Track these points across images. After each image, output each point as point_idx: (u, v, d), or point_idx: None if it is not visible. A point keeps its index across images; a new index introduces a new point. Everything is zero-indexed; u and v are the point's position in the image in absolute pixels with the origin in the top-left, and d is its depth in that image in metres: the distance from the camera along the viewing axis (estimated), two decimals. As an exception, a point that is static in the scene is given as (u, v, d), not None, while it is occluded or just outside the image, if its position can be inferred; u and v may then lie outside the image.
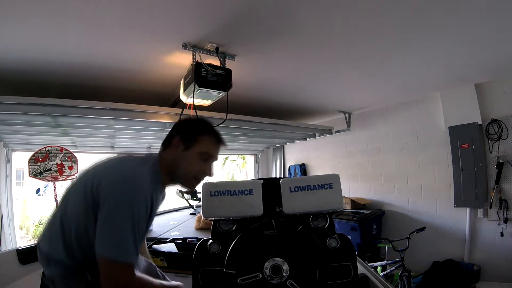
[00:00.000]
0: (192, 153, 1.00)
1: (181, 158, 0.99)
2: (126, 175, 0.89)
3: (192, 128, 1.04)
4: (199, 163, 1.01)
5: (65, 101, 2.10)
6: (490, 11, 1.57)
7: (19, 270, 1.61)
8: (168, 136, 1.04)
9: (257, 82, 2.63)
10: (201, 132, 1.03)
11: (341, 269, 0.91)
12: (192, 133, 1.02)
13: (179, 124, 1.09)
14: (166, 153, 1.01)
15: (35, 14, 1.46)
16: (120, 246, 0.82)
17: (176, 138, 1.01)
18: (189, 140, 1.00)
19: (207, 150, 1.02)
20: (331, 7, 1.50)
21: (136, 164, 0.94)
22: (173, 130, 1.06)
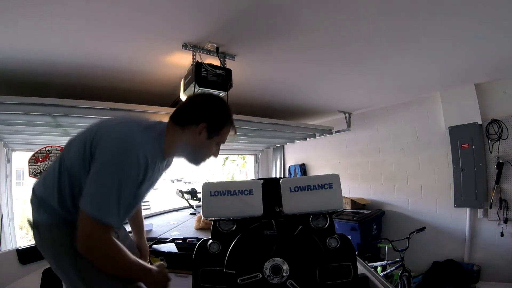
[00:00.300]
0: (212, 142, 1.01)
1: (200, 144, 0.99)
2: (124, 137, 0.88)
3: (220, 119, 1.01)
4: (213, 148, 1.03)
5: (65, 101, 2.10)
6: (490, 11, 1.58)
7: (19, 270, 1.61)
8: (187, 115, 0.98)
9: (257, 82, 2.63)
10: (226, 124, 1.02)
11: (341, 269, 0.91)
12: (220, 125, 1.00)
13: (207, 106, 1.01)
14: (181, 134, 0.97)
15: (35, 14, 1.47)
16: (101, 204, 0.81)
17: (202, 125, 0.96)
18: (215, 131, 0.99)
19: (224, 140, 1.04)
20: (331, 7, 1.50)
21: (138, 129, 0.92)
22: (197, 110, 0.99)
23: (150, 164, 0.88)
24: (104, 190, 0.82)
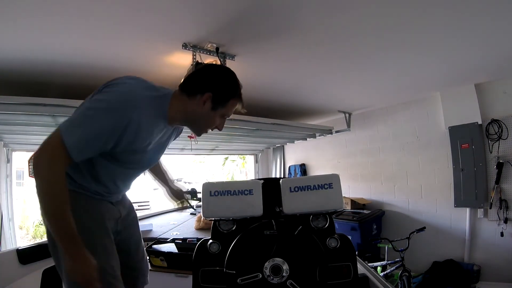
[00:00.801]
0: (216, 114, 0.98)
1: (205, 115, 0.97)
2: (127, 87, 0.88)
3: (227, 90, 0.98)
4: (217, 120, 1.01)
5: (65, 101, 2.10)
6: (490, 11, 1.57)
7: (19, 270, 1.61)
8: (194, 83, 0.97)
9: (257, 82, 2.63)
10: (233, 96, 0.99)
11: (341, 269, 0.91)
12: (226, 97, 0.98)
13: (213, 76, 0.98)
14: (187, 102, 0.96)
15: (35, 14, 1.47)
16: (72, 126, 0.81)
17: (206, 95, 0.94)
18: (220, 103, 0.97)
19: (229, 112, 1.02)
20: (331, 7, 1.50)
21: (144, 86, 0.92)
22: (204, 79, 0.98)
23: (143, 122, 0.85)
24: (83, 116, 0.83)
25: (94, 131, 0.80)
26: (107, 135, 0.81)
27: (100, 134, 0.81)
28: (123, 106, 0.82)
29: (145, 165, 1.06)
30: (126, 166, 0.98)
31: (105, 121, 0.81)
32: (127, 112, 0.82)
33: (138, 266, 1.15)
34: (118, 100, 0.83)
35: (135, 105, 0.84)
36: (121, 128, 0.82)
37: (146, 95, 0.89)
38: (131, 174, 1.06)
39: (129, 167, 1.00)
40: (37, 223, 6.92)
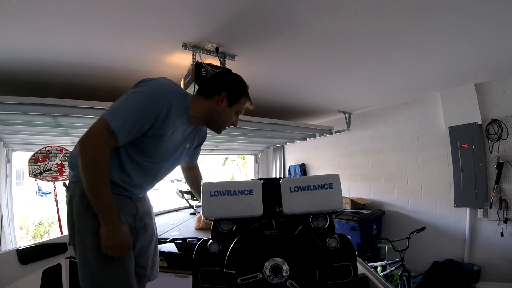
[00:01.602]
0: (231, 110, 1.15)
1: (222, 112, 1.13)
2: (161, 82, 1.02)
3: (239, 89, 1.16)
4: (232, 116, 1.17)
5: (65, 101, 2.10)
6: (490, 11, 1.58)
7: (19, 270, 1.61)
8: (211, 86, 1.13)
9: (257, 82, 2.62)
10: (244, 93, 1.17)
11: (341, 269, 0.90)
12: (239, 94, 1.15)
13: (227, 78, 1.18)
14: (206, 103, 1.11)
15: (35, 14, 1.47)
16: (115, 112, 0.93)
17: (223, 94, 1.11)
18: (234, 99, 1.13)
19: (242, 109, 1.19)
20: (331, 7, 1.51)
21: (173, 83, 1.06)
22: (219, 82, 1.15)
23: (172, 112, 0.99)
24: (124, 105, 0.95)
25: (135, 115, 0.93)
26: (145, 118, 0.94)
27: (140, 117, 0.93)
28: (159, 95, 0.97)
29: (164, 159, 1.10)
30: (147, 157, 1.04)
31: (144, 106, 0.94)
32: (162, 100, 0.97)
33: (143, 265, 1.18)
34: (154, 90, 0.98)
35: (168, 96, 0.99)
36: (156, 113, 0.95)
37: (175, 90, 1.05)
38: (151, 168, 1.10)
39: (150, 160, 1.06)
40: (37, 223, 6.92)
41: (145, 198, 1.23)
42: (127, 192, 1.09)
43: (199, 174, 1.47)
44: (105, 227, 0.95)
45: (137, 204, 1.13)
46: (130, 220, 1.09)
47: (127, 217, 1.07)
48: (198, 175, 1.46)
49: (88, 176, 0.92)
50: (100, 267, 0.96)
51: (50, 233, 6.46)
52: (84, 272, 0.97)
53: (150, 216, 1.24)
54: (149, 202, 1.27)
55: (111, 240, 0.95)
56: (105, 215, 0.95)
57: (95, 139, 0.91)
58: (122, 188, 1.06)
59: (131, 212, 1.10)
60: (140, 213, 1.15)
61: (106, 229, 0.95)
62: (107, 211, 0.95)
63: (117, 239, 0.96)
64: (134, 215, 1.12)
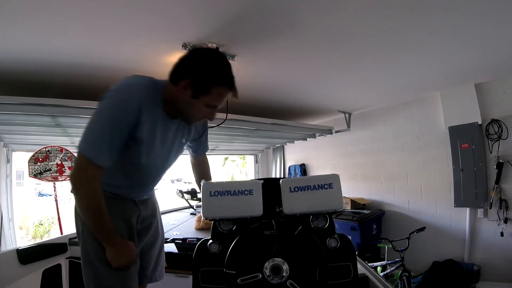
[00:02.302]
0: (199, 102, 0.93)
1: (186, 102, 0.94)
2: (122, 85, 0.91)
3: (207, 76, 0.91)
4: (204, 110, 0.97)
5: (65, 101, 2.10)
6: (490, 10, 1.57)
7: (19, 270, 1.61)
8: (176, 70, 0.94)
9: (257, 82, 2.63)
10: (217, 83, 0.92)
11: (341, 269, 0.90)
12: (207, 83, 0.91)
13: (194, 61, 0.94)
14: (173, 89, 0.94)
15: (35, 14, 1.47)
16: (86, 140, 0.87)
17: (184, 81, 0.91)
18: (201, 89, 0.91)
19: (216, 102, 0.96)
20: (331, 7, 1.50)
21: (139, 78, 0.95)
22: (183, 66, 0.94)
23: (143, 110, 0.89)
24: (91, 128, 0.88)
25: (108, 134, 0.87)
26: (119, 131, 0.88)
27: (114, 134, 0.87)
28: (123, 101, 0.88)
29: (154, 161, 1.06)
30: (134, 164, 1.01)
31: (112, 121, 0.87)
32: (128, 104, 0.88)
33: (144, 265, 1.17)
34: (117, 99, 0.89)
35: (133, 96, 0.89)
36: (127, 120, 0.88)
37: (141, 85, 0.93)
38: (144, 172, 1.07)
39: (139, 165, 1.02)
40: (37, 223, 6.92)
41: (149, 200, 1.20)
42: (127, 196, 1.08)
43: (208, 170, 1.36)
44: (111, 251, 0.96)
45: (140, 207, 1.12)
46: (133, 222, 1.09)
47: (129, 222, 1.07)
48: (206, 170, 1.35)
49: (85, 211, 0.92)
50: (103, 269, 0.98)
51: (50, 233, 6.46)
52: (87, 273, 1.00)
53: (156, 218, 1.23)
54: (155, 204, 1.25)
55: (120, 261, 0.97)
56: (108, 240, 0.96)
57: (82, 176, 0.88)
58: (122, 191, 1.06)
59: (133, 215, 1.09)
60: (143, 215, 1.14)
61: (113, 252, 0.96)
62: (109, 236, 0.95)
63: (124, 257, 0.98)
64: (137, 217, 1.11)
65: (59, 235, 2.35)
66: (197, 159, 1.34)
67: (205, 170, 1.35)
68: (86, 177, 0.88)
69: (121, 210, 1.05)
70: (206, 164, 1.37)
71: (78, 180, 0.89)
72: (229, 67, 0.95)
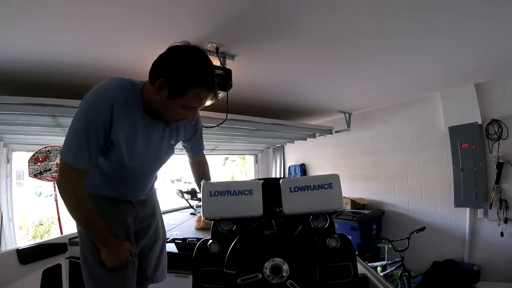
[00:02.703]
0: (176, 103, 0.90)
1: (162, 103, 0.90)
2: (95, 90, 0.91)
3: (183, 76, 0.86)
4: (181, 112, 0.93)
5: (65, 101, 2.10)
6: (490, 10, 1.58)
7: (19, 270, 1.61)
8: (153, 68, 0.90)
9: (257, 82, 2.63)
10: (194, 84, 0.87)
11: (341, 269, 0.90)
12: (183, 84, 0.86)
13: (170, 60, 0.88)
14: (151, 89, 0.91)
15: (35, 14, 1.47)
16: (65, 146, 0.89)
17: (161, 80, 0.86)
18: (176, 90, 0.87)
19: (194, 104, 0.92)
20: (331, 7, 1.50)
21: (112, 80, 0.94)
22: (160, 64, 0.89)
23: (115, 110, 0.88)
24: (69, 134, 0.89)
25: (84, 138, 0.87)
26: (95, 133, 0.87)
27: (89, 137, 0.87)
28: (94, 103, 0.88)
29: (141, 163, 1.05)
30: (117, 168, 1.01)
31: (86, 123, 0.86)
32: (99, 106, 0.87)
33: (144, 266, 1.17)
34: (89, 101, 0.89)
35: (104, 98, 0.88)
36: (100, 122, 0.87)
37: (114, 86, 0.92)
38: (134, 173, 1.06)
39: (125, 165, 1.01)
40: (37, 223, 6.92)
41: (148, 201, 1.20)
42: (122, 197, 1.09)
43: (206, 170, 1.34)
44: (104, 251, 0.98)
45: (137, 207, 1.12)
46: (129, 222, 1.09)
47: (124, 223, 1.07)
48: (204, 170, 1.32)
49: (73, 213, 0.93)
50: (98, 269, 0.99)
51: (50, 233, 6.47)
52: (86, 272, 1.01)
53: (155, 218, 1.22)
54: (155, 204, 1.25)
55: (114, 261, 0.99)
56: (101, 241, 0.97)
57: (65, 179, 0.90)
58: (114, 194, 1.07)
59: (129, 215, 1.09)
60: (141, 215, 1.14)
61: (107, 252, 0.98)
62: (101, 236, 0.97)
63: (118, 258, 0.99)
64: (134, 218, 1.11)
65: (59, 235, 2.35)
66: (194, 158, 1.32)
67: (204, 170, 1.34)
68: (68, 181, 0.90)
69: (116, 211, 1.05)
70: (205, 164, 1.35)
71: (61, 184, 0.90)
72: (209, 66, 0.90)
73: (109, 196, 1.05)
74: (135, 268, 1.07)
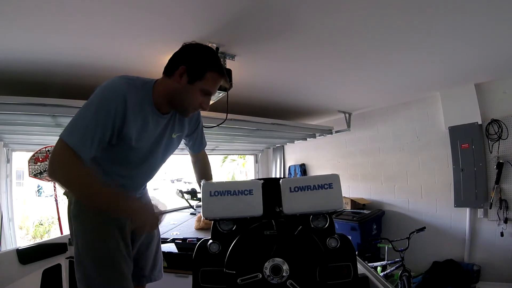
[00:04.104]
0: (195, 88, 0.98)
1: (183, 90, 0.97)
2: (109, 82, 0.93)
3: (201, 61, 0.97)
4: (200, 98, 1.00)
5: (65, 101, 2.10)
6: (490, 11, 1.57)
7: (19, 270, 1.61)
8: (171, 62, 1.00)
9: (257, 82, 2.63)
10: (210, 67, 0.97)
11: (341, 269, 0.91)
12: (201, 68, 0.96)
13: (187, 51, 1.00)
14: (168, 82, 0.99)
15: (35, 14, 1.47)
16: (70, 129, 0.87)
17: (181, 68, 0.96)
18: (196, 74, 0.96)
19: (210, 88, 1.00)
20: (331, 7, 1.50)
21: (126, 77, 0.96)
22: (178, 56, 1.00)
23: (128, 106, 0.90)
24: (76, 120, 0.88)
25: (91, 125, 0.86)
26: (103, 124, 0.87)
27: (97, 126, 0.87)
28: (108, 95, 0.89)
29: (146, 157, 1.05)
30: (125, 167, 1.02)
31: (97, 112, 0.87)
32: (113, 98, 0.88)
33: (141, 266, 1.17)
34: (102, 93, 0.90)
35: (118, 91, 0.90)
36: (111, 114, 0.88)
37: (128, 83, 0.94)
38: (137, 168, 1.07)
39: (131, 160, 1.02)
40: (37, 223, 6.93)
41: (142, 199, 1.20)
42: None
43: (208, 169, 1.35)
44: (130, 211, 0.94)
45: None
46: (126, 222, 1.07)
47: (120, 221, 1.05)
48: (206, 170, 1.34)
49: (73, 192, 0.92)
50: (94, 269, 0.97)
51: (50, 233, 6.47)
52: (79, 273, 0.99)
53: None
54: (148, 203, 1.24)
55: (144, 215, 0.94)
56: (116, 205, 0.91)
57: (59, 160, 0.85)
58: None
59: None
60: None
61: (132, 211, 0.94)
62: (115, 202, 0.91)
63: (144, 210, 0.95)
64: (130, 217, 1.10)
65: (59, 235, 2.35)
66: (196, 157, 1.33)
67: (206, 169, 1.34)
68: (64, 160, 0.85)
69: None
70: (207, 163, 1.37)
71: (56, 165, 0.86)
72: (218, 57, 1.03)
73: None
74: (130, 268, 1.06)
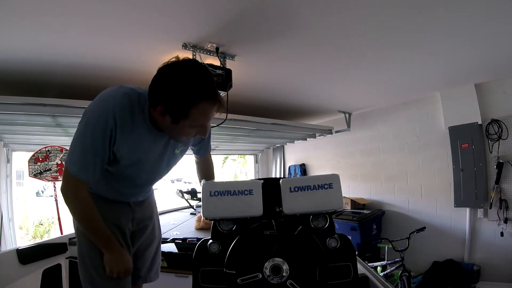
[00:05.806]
0: (181, 126, 0.86)
1: (169, 127, 0.88)
2: (98, 97, 0.90)
3: (180, 100, 0.80)
4: (192, 131, 0.91)
5: (65, 101, 2.10)
6: (490, 11, 1.58)
7: (19, 270, 1.61)
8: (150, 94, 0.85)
9: (257, 82, 2.63)
10: (196, 101, 0.80)
11: (341, 269, 0.90)
12: (182, 107, 0.81)
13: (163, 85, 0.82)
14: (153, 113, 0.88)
15: (35, 14, 1.47)
16: (70, 156, 0.89)
17: (159, 108, 0.82)
18: (177, 115, 0.82)
19: (201, 121, 0.88)
20: (331, 7, 1.50)
21: (114, 90, 0.90)
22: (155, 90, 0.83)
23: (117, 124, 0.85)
24: (73, 145, 0.89)
25: (90, 152, 0.87)
26: (101, 147, 0.87)
27: (96, 151, 0.87)
28: (98, 116, 0.85)
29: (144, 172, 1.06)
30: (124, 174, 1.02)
31: (92, 137, 0.86)
32: (104, 118, 0.85)
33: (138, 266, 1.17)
34: (93, 115, 0.86)
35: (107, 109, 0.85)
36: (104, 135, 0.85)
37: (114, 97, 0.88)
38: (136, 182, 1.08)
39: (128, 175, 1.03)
40: (37, 223, 6.92)
41: (146, 202, 1.21)
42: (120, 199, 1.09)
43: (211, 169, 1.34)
44: (108, 255, 0.99)
45: (135, 209, 1.13)
46: (129, 224, 1.10)
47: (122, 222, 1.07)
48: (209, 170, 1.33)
49: (78, 220, 0.96)
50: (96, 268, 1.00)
51: (50, 233, 6.47)
52: (83, 271, 1.03)
53: (152, 220, 1.23)
54: (153, 205, 1.26)
55: (117, 266, 0.99)
56: (107, 246, 0.98)
57: (68, 188, 0.92)
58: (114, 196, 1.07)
59: (127, 217, 1.10)
60: (138, 216, 1.15)
61: (109, 257, 0.99)
62: (107, 242, 0.98)
63: (121, 264, 1.00)
64: (131, 219, 1.12)
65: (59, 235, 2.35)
66: (201, 158, 1.33)
67: (208, 169, 1.35)
68: (72, 188, 0.91)
69: (112, 212, 1.05)
70: (210, 163, 1.36)
71: (65, 191, 0.92)
72: (204, 77, 0.83)
73: (108, 197, 1.05)
74: None
